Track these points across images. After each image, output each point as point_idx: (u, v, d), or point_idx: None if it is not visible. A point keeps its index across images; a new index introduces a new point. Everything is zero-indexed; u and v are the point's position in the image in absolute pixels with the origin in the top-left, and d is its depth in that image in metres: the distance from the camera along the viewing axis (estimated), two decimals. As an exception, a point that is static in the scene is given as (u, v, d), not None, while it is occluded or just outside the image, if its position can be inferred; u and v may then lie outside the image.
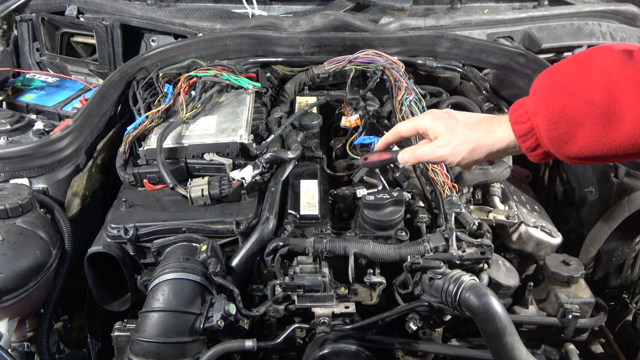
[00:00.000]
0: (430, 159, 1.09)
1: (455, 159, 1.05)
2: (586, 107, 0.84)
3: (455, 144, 1.04)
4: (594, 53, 0.89)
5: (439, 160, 1.09)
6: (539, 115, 0.90)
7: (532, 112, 0.92)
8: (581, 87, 0.86)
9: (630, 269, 1.46)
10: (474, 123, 1.05)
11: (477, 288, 1.10)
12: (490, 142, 1.01)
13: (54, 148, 1.41)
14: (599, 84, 0.84)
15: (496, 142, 1.00)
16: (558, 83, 0.89)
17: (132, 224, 1.29)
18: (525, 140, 0.94)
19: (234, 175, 1.39)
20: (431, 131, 1.09)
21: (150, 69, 1.81)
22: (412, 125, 1.14)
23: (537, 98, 0.91)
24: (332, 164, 1.60)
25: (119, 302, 1.41)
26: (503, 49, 1.90)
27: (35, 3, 2.09)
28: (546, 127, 0.89)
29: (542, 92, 0.91)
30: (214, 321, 1.12)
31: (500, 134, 0.99)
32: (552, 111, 0.88)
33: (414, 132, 1.15)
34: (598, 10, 2.11)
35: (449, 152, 1.05)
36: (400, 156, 1.15)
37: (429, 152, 1.08)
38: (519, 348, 1.06)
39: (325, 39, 1.91)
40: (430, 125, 1.09)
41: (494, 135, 1.00)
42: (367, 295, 1.27)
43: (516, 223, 1.38)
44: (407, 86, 1.65)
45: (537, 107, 0.91)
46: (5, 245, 1.20)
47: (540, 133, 0.91)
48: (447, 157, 1.06)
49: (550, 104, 0.89)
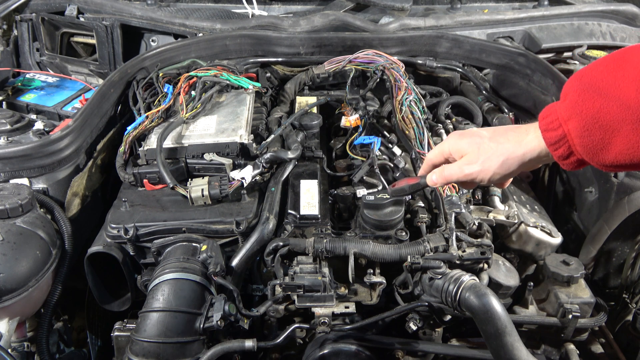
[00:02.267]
0: (460, 177, 1.02)
1: (486, 175, 0.99)
2: (622, 111, 0.79)
3: (483, 160, 0.98)
4: (628, 53, 0.83)
5: (469, 179, 1.01)
6: (571, 122, 0.85)
7: (563, 118, 0.86)
8: (616, 89, 0.80)
9: (630, 269, 1.46)
10: (501, 135, 0.99)
11: (477, 288, 1.10)
12: (520, 152, 0.95)
13: (54, 148, 1.41)
14: (635, 85, 0.78)
15: (527, 151, 0.94)
16: (591, 86, 0.83)
17: (132, 224, 1.29)
18: (557, 148, 0.88)
19: (234, 175, 1.39)
20: (456, 151, 1.03)
21: (150, 69, 1.81)
22: (439, 152, 1.08)
23: (569, 103, 0.85)
24: (332, 164, 1.60)
25: (119, 302, 1.41)
26: (503, 49, 1.90)
27: (35, 3, 2.09)
28: (579, 134, 0.84)
29: (573, 96, 0.85)
30: (214, 321, 1.12)
31: (530, 143, 0.93)
32: (585, 117, 0.82)
33: (441, 158, 1.08)
34: (598, 10, 2.11)
35: (479, 169, 0.98)
36: (429, 178, 1.09)
37: (458, 171, 1.01)
38: (519, 348, 1.06)
39: (325, 39, 1.91)
40: (454, 145, 1.03)
41: (524, 145, 0.94)
42: (367, 295, 1.27)
43: (516, 223, 1.38)
44: (407, 86, 1.65)
45: (569, 112, 0.85)
46: (5, 245, 1.20)
47: (573, 140, 0.85)
48: (477, 174, 0.99)
49: (582, 108, 0.83)
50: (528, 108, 1.84)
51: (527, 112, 1.84)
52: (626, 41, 2.05)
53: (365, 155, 1.54)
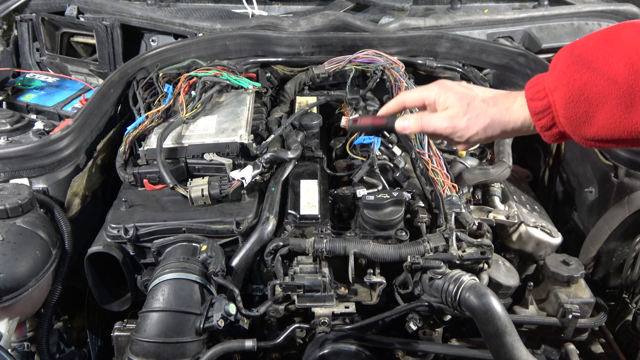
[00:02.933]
0: (438, 129, 0.99)
1: (467, 133, 0.97)
2: (608, 85, 0.79)
3: (470, 117, 0.96)
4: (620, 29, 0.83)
5: (447, 133, 0.98)
6: (557, 92, 0.85)
7: (550, 88, 0.86)
8: (604, 64, 0.80)
9: (630, 269, 1.46)
10: (491, 98, 0.97)
11: (477, 288, 1.10)
12: (505, 119, 0.94)
13: (54, 148, 1.41)
14: (624, 61, 0.78)
15: (511, 119, 0.94)
16: (580, 59, 0.83)
17: (132, 224, 1.29)
18: (540, 118, 0.88)
19: (234, 175, 1.39)
20: (442, 102, 0.99)
21: (150, 69, 1.81)
22: (419, 95, 1.04)
23: (557, 74, 0.86)
24: (332, 164, 1.60)
25: (119, 302, 1.41)
26: (503, 49, 1.90)
27: (35, 3, 2.09)
28: (564, 105, 0.84)
29: (562, 68, 0.85)
30: (214, 321, 1.12)
31: (515, 112, 0.93)
32: (572, 88, 0.83)
33: (419, 102, 1.05)
34: (598, 10, 2.11)
35: (463, 125, 0.96)
36: (399, 123, 1.05)
37: (439, 122, 0.98)
38: (519, 348, 1.06)
39: (325, 39, 1.91)
40: (442, 95, 0.99)
41: (510, 112, 0.93)
42: (367, 295, 1.27)
43: (516, 223, 1.38)
44: (407, 86, 1.65)
45: (556, 83, 0.85)
46: (5, 245, 1.20)
47: (558, 111, 0.85)
48: (458, 130, 0.97)
49: (570, 80, 0.83)
50: (528, 108, 1.84)
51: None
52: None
53: (365, 155, 1.54)
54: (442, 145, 1.61)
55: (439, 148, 1.51)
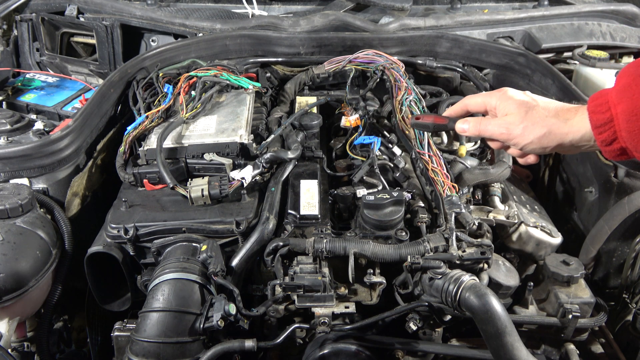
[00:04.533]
0: (494, 134, 1.01)
1: (522, 140, 0.97)
2: None
3: (526, 125, 0.95)
4: None
5: (503, 138, 1.00)
6: (620, 105, 0.83)
7: (613, 101, 0.84)
8: None
9: (630, 269, 1.45)
10: (552, 109, 0.96)
11: (477, 288, 1.10)
12: (564, 130, 0.92)
13: (54, 148, 1.41)
14: None
15: (570, 131, 0.92)
16: None
17: (132, 224, 1.29)
18: (601, 131, 0.86)
19: (234, 175, 1.39)
20: (502, 109, 1.00)
21: (150, 69, 1.81)
22: (482, 100, 1.06)
23: (621, 87, 0.85)
24: (332, 164, 1.60)
25: (119, 302, 1.41)
26: (503, 49, 1.90)
27: (35, 3, 2.09)
28: (627, 119, 0.82)
29: (626, 81, 0.84)
30: (214, 321, 1.12)
31: (576, 124, 0.91)
32: (636, 102, 0.81)
33: (481, 107, 1.07)
34: (598, 10, 2.11)
35: (518, 132, 0.96)
36: (459, 126, 1.07)
37: (497, 127, 0.99)
38: (519, 348, 1.06)
39: (325, 39, 1.91)
40: (502, 102, 1.01)
41: (569, 124, 0.92)
42: (367, 295, 1.27)
43: (516, 223, 1.38)
44: (407, 86, 1.65)
45: (620, 96, 0.84)
46: (5, 245, 1.20)
47: (620, 125, 0.83)
48: (514, 137, 0.98)
49: (634, 93, 0.82)
50: (528, 108, 1.84)
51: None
52: (626, 41, 2.04)
53: (365, 155, 1.54)
54: (442, 146, 1.61)
55: (439, 148, 1.51)
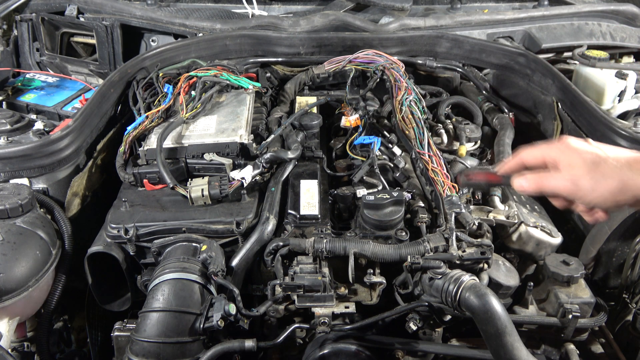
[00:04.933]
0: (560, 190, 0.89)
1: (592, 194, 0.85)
2: None
3: (597, 180, 0.84)
4: None
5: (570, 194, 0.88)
6: None
7: None
8: None
9: (630, 269, 1.45)
10: (625, 159, 0.85)
11: (477, 288, 1.10)
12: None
13: (54, 148, 1.41)
14: None
15: None
16: None
17: (132, 224, 1.29)
18: None
19: (234, 175, 1.39)
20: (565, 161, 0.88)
21: (150, 69, 1.81)
22: (540, 154, 0.93)
23: None
24: (332, 164, 1.60)
25: (119, 302, 1.41)
26: (503, 49, 1.90)
27: (35, 3, 2.09)
28: None
29: None
30: (214, 321, 1.12)
31: None
32: None
33: (540, 161, 0.94)
34: (598, 10, 2.11)
35: (587, 186, 0.85)
36: (518, 182, 0.94)
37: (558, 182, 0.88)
38: (519, 348, 1.06)
39: (325, 39, 1.91)
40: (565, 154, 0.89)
41: None
42: (367, 295, 1.27)
43: (516, 223, 1.38)
44: (407, 86, 1.65)
45: None
46: (5, 245, 1.20)
47: None
48: (581, 190, 0.86)
49: None
50: (528, 108, 1.84)
51: (527, 112, 1.84)
52: (626, 41, 2.04)
53: (365, 155, 1.54)
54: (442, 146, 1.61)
55: (439, 148, 1.51)
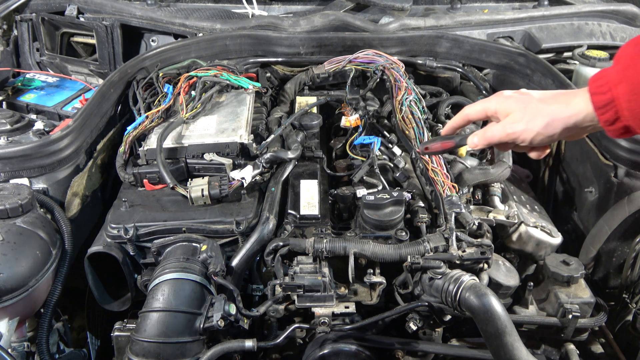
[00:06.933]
0: (502, 137, 1.01)
1: (529, 135, 0.98)
2: None
3: (529, 119, 0.97)
4: None
5: (511, 139, 1.01)
6: (620, 86, 0.85)
7: (613, 82, 0.86)
8: None
9: (630, 269, 1.45)
10: (550, 97, 0.98)
11: (477, 288, 1.10)
12: (566, 114, 0.93)
13: (54, 148, 1.41)
14: None
15: (573, 114, 0.93)
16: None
17: (132, 224, 1.29)
18: (604, 112, 0.88)
19: (234, 175, 1.39)
20: (502, 110, 1.02)
21: (150, 69, 1.81)
22: (481, 107, 1.07)
23: (620, 67, 0.87)
24: (332, 164, 1.60)
25: (119, 302, 1.41)
26: (503, 49, 1.90)
27: (35, 3, 2.09)
28: (627, 99, 0.84)
29: (625, 61, 0.86)
30: (214, 321, 1.12)
31: (577, 105, 0.92)
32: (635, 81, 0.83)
33: (482, 114, 1.07)
34: (598, 10, 2.11)
35: (523, 128, 0.97)
36: (470, 140, 1.07)
37: (501, 130, 1.01)
38: (519, 348, 1.06)
39: (325, 39, 1.91)
40: (502, 104, 1.02)
41: (571, 107, 0.93)
42: (367, 295, 1.27)
43: (516, 223, 1.38)
44: (407, 86, 1.65)
45: (619, 76, 0.86)
46: (5, 245, 1.20)
47: (621, 105, 0.85)
48: (520, 134, 0.98)
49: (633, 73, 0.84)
50: (528, 108, 1.84)
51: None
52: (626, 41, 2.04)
53: (365, 155, 1.54)
54: None
55: (439, 148, 1.51)
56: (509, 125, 1.00)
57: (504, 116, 1.02)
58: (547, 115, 0.95)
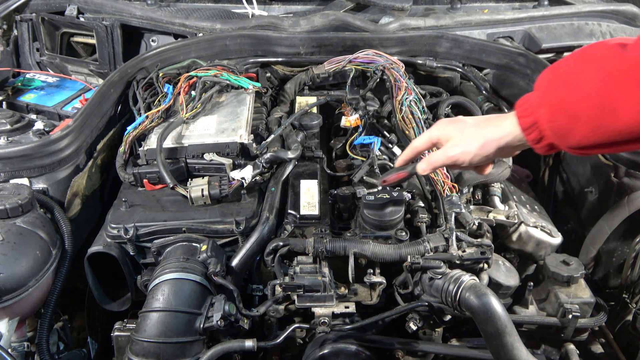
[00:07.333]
0: (444, 161, 1.11)
1: (467, 156, 1.08)
2: (582, 100, 0.88)
3: (465, 143, 1.07)
4: (591, 48, 0.93)
5: (452, 161, 1.10)
6: (541, 109, 0.95)
7: (535, 106, 0.96)
8: (579, 81, 0.90)
9: (630, 269, 1.46)
10: (483, 121, 1.09)
11: (477, 288, 1.10)
12: (498, 136, 1.04)
13: (54, 148, 1.41)
14: (595, 77, 0.88)
15: (504, 135, 1.03)
16: (559, 78, 0.94)
17: (132, 224, 1.29)
18: (530, 132, 0.98)
19: (234, 175, 1.39)
20: (443, 137, 1.12)
21: (150, 69, 1.81)
22: (426, 137, 1.16)
23: (540, 92, 0.96)
24: (332, 164, 1.60)
25: (119, 302, 1.41)
26: (503, 49, 1.90)
27: (35, 3, 2.09)
28: (548, 120, 0.94)
29: (544, 86, 0.96)
30: (214, 321, 1.12)
31: (507, 128, 1.03)
32: (553, 105, 0.93)
33: (428, 144, 1.16)
34: (598, 10, 2.11)
35: (460, 151, 1.08)
36: (419, 167, 1.17)
37: (442, 155, 1.11)
38: (519, 348, 1.06)
39: (325, 39, 1.91)
40: (442, 131, 1.12)
41: (502, 129, 1.04)
42: (367, 295, 1.27)
43: (516, 223, 1.38)
44: (407, 86, 1.65)
45: (540, 101, 0.96)
46: (5, 245, 1.20)
47: (543, 126, 0.95)
48: (459, 156, 1.09)
49: (550, 98, 0.94)
50: (528, 108, 1.84)
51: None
52: (626, 41, 2.04)
53: (365, 155, 1.54)
54: None
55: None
56: (449, 150, 1.10)
57: (445, 142, 1.12)
58: (482, 138, 1.06)
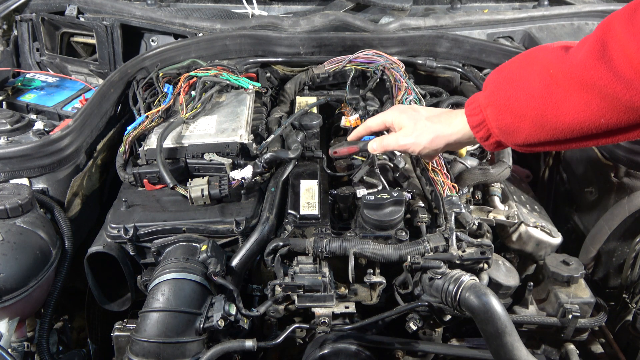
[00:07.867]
0: (395, 147, 1.21)
1: (417, 148, 1.17)
2: (527, 100, 0.93)
3: (417, 134, 1.15)
4: (536, 50, 0.98)
5: (402, 149, 1.21)
6: (488, 108, 1.01)
7: (483, 105, 1.02)
8: (524, 81, 0.94)
9: (630, 269, 1.46)
10: (435, 116, 1.17)
11: (477, 288, 1.10)
12: (448, 132, 1.12)
13: (54, 148, 1.41)
14: (539, 78, 0.92)
15: (453, 132, 1.11)
16: (506, 78, 0.99)
17: (132, 224, 1.29)
18: (478, 130, 1.05)
19: (234, 175, 1.39)
20: (397, 124, 1.20)
21: (150, 69, 1.81)
22: (381, 120, 1.25)
23: (488, 92, 1.01)
24: (332, 164, 1.60)
25: (119, 302, 1.41)
26: (503, 49, 1.90)
27: (35, 3, 2.09)
28: (495, 119, 1.00)
29: (491, 87, 1.01)
30: (214, 321, 1.12)
31: (457, 125, 1.10)
32: (499, 104, 0.98)
33: (382, 125, 1.26)
34: (598, 10, 2.11)
35: (412, 141, 1.16)
36: (370, 146, 1.26)
37: (394, 141, 1.20)
38: (519, 348, 1.06)
39: (325, 39, 1.91)
40: (397, 118, 1.21)
41: (452, 127, 1.11)
42: (367, 295, 1.27)
43: (516, 223, 1.38)
44: (407, 86, 1.65)
45: (487, 100, 1.01)
46: (5, 245, 1.20)
47: (491, 124, 1.01)
48: (409, 146, 1.18)
49: (497, 97, 0.98)
50: (528, 108, 1.84)
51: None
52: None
53: (365, 155, 1.54)
54: None
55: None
56: (401, 138, 1.19)
57: (398, 129, 1.21)
58: (432, 133, 1.14)
